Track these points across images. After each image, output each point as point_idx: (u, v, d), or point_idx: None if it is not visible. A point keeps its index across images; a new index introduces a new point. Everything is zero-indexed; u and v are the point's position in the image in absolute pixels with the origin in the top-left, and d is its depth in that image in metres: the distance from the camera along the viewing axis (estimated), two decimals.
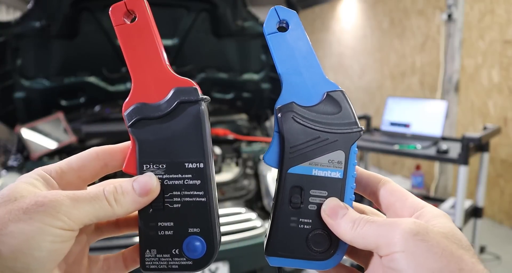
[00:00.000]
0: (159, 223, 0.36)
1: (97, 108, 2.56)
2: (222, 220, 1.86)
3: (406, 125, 2.68)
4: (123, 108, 0.37)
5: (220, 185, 2.05)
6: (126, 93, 2.51)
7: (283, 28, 0.38)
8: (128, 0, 0.37)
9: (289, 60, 0.37)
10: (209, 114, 0.38)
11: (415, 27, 4.50)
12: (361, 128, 0.37)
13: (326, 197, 0.37)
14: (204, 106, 0.37)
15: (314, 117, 0.37)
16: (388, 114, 2.79)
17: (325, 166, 0.37)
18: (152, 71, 0.37)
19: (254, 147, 2.35)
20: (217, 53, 2.50)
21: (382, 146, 2.54)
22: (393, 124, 2.75)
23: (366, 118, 2.99)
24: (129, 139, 0.38)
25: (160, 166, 0.36)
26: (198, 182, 0.36)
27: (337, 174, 0.37)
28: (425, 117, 2.61)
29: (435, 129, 2.54)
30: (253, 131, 2.60)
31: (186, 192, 0.37)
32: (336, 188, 0.37)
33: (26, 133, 2.18)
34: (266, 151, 0.38)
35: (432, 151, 2.34)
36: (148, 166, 0.36)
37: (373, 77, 5.47)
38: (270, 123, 2.83)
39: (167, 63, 0.37)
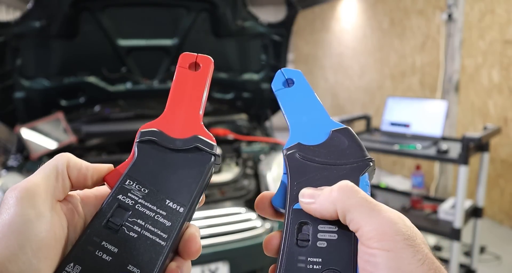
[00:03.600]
0: (103, 243, 0.33)
1: (97, 108, 2.56)
2: (222, 220, 1.86)
3: (406, 125, 2.68)
4: (142, 126, 0.37)
5: (220, 185, 2.05)
6: (126, 93, 2.52)
7: (289, 84, 0.41)
8: (200, 55, 0.41)
9: (296, 110, 0.39)
10: (209, 115, 0.39)
11: (415, 27, 4.50)
12: (371, 157, 0.36)
13: (336, 233, 0.33)
14: (213, 161, 0.37)
15: (320, 153, 0.37)
16: (388, 114, 2.79)
17: None
18: (186, 114, 0.38)
19: (254, 147, 2.35)
20: (217, 53, 2.50)
21: (382, 146, 2.54)
22: (393, 124, 2.75)
23: (366, 118, 2.99)
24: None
25: (142, 189, 0.35)
26: (168, 223, 0.34)
27: None
28: (425, 117, 2.61)
29: (435, 129, 2.54)
30: (253, 131, 2.60)
31: (150, 227, 0.34)
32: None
33: (26, 133, 2.18)
34: (274, 194, 0.37)
35: (432, 151, 2.33)
36: (131, 182, 0.35)
37: (373, 77, 5.46)
38: (270, 123, 2.83)
39: (202, 115, 0.39)
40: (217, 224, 1.83)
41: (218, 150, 0.38)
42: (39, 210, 0.30)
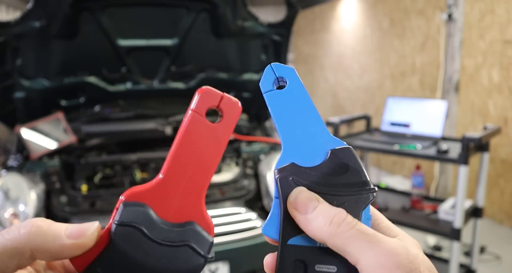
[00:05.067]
0: None
1: (97, 108, 2.56)
2: (222, 220, 1.86)
3: (406, 125, 2.68)
4: (128, 192, 0.30)
5: (220, 185, 2.05)
6: (126, 93, 2.52)
7: (280, 85, 0.35)
8: (227, 96, 0.32)
9: (288, 118, 0.34)
10: (208, 114, 0.34)
11: (415, 27, 4.50)
12: (374, 188, 0.32)
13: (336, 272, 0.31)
14: (204, 264, 0.31)
15: (317, 179, 0.32)
16: (388, 114, 2.79)
17: None
18: (187, 187, 0.31)
19: (254, 147, 2.35)
20: (217, 53, 2.50)
21: (382, 146, 2.54)
22: (393, 124, 2.75)
23: (366, 118, 2.99)
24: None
25: None
26: None
27: None
28: (425, 117, 2.61)
29: (435, 129, 2.54)
30: (253, 131, 2.60)
31: None
32: (346, 261, 0.30)
33: (26, 133, 2.18)
34: (265, 221, 0.33)
35: (432, 151, 2.33)
36: None
37: (373, 77, 5.47)
38: (270, 123, 2.83)
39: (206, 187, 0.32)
40: (217, 224, 1.83)
41: (212, 251, 0.32)
42: None
